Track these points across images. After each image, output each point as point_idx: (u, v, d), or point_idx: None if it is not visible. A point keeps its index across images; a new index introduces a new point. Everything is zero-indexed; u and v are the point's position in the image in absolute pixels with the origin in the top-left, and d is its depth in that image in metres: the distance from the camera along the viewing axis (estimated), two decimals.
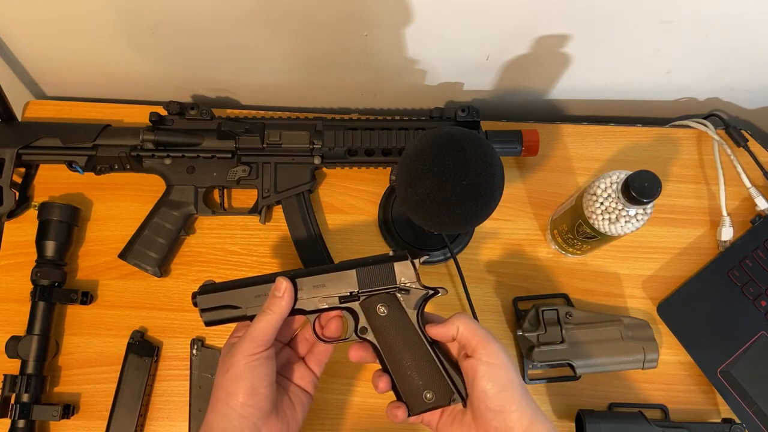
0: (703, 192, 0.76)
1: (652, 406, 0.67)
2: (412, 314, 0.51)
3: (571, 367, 0.65)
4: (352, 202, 0.74)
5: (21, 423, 0.63)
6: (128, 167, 0.71)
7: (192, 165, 0.70)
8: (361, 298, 0.52)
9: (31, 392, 0.63)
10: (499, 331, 0.70)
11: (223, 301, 0.53)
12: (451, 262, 0.71)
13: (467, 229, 0.73)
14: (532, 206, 0.75)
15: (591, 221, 0.61)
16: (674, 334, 0.69)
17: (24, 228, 0.71)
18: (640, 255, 0.73)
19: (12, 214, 0.71)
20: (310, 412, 0.66)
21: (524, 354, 0.67)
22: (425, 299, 0.52)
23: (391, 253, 0.53)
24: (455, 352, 0.52)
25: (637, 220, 0.59)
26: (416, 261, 0.52)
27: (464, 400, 0.49)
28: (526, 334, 0.66)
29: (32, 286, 0.66)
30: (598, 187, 0.60)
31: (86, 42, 0.70)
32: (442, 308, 0.70)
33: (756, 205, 0.73)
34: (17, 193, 0.70)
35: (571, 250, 0.69)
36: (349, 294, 0.52)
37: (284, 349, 0.56)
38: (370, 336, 0.52)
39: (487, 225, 0.73)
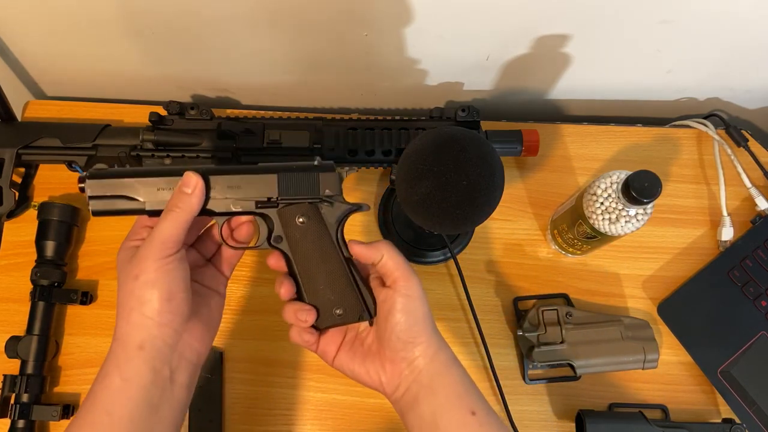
0: (704, 192, 0.76)
1: (652, 406, 0.67)
2: (332, 228, 0.48)
3: (571, 367, 0.65)
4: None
5: (21, 423, 0.63)
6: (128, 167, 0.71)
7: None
8: (280, 206, 0.48)
9: (31, 392, 0.63)
10: (499, 331, 0.70)
11: (118, 190, 0.47)
12: (451, 262, 0.71)
13: (467, 229, 0.73)
14: (532, 206, 0.75)
15: (591, 221, 0.61)
16: (674, 334, 0.69)
17: (24, 228, 0.71)
18: (640, 255, 0.73)
19: (12, 214, 0.71)
20: (311, 412, 0.67)
21: (524, 354, 0.67)
22: (346, 215, 0.49)
23: (316, 162, 0.49)
24: (366, 275, 0.51)
25: (638, 220, 0.59)
26: (342, 173, 0.49)
27: (372, 318, 0.48)
28: (526, 334, 0.66)
29: (32, 286, 0.66)
30: (598, 187, 0.60)
31: (86, 42, 0.70)
32: (442, 308, 0.70)
33: (756, 205, 0.73)
34: (17, 193, 0.70)
35: (571, 250, 0.69)
36: (266, 199, 0.48)
37: (189, 251, 0.51)
38: (284, 246, 0.48)
39: (487, 225, 0.73)
